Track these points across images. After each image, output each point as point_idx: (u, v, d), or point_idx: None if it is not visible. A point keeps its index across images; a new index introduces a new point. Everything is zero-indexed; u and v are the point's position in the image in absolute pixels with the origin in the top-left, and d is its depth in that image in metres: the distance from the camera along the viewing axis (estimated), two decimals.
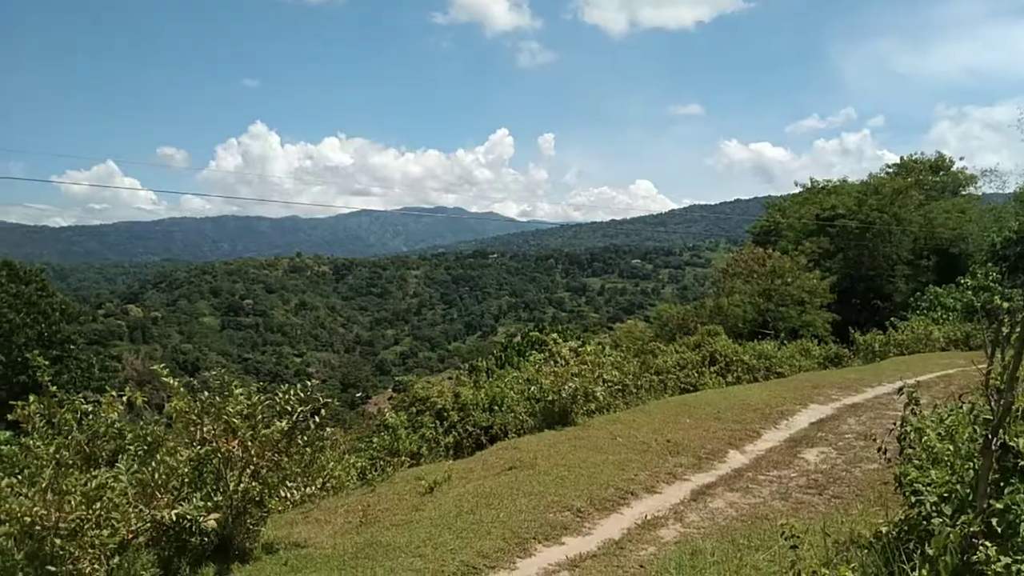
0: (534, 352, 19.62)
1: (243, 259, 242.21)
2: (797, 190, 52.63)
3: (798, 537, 4.32)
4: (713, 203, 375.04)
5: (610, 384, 14.35)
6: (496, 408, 15.36)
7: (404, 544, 6.64)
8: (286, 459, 6.73)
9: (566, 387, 12.74)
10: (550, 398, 12.87)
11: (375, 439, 15.26)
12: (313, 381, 7.10)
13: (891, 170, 51.35)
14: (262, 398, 6.51)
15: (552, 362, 13.86)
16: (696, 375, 19.02)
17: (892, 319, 29.27)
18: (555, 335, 16.83)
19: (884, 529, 4.82)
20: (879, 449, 5.85)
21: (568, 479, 8.75)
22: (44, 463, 5.58)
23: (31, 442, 5.90)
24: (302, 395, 6.79)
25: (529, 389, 13.95)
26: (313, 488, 7.17)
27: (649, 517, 7.53)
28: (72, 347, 38.70)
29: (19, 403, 5.86)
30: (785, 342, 24.81)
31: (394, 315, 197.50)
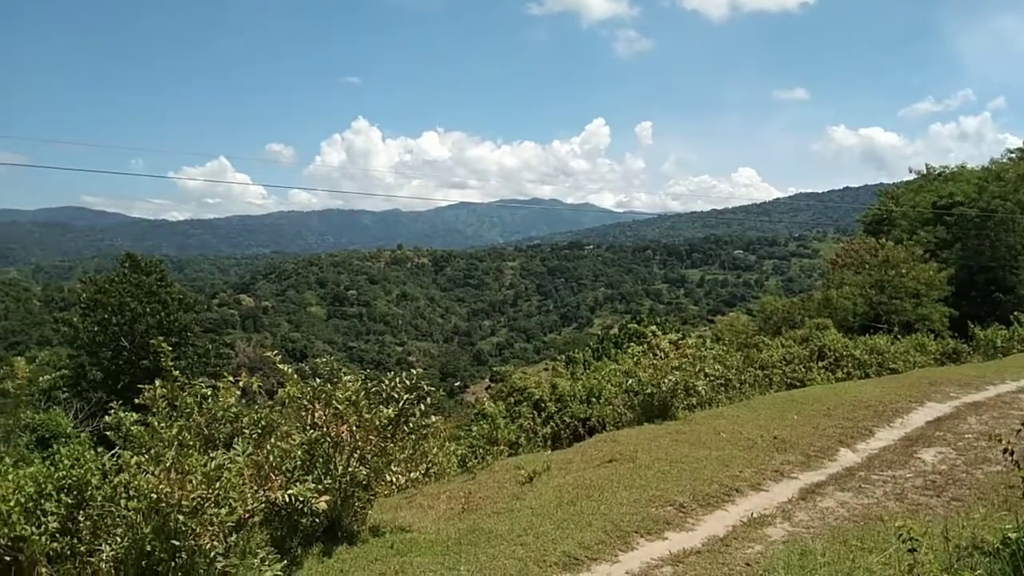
0: (632, 345, 19.41)
1: (347, 251, 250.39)
2: (911, 177, 49.89)
3: (916, 540, 4.10)
4: (820, 191, 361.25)
5: (712, 378, 14.08)
6: (594, 400, 15.31)
7: (506, 532, 6.70)
8: (392, 445, 6.91)
9: (666, 380, 12.56)
10: (649, 391, 12.71)
11: (474, 428, 15.48)
12: (417, 370, 7.25)
13: (1015, 155, 48.01)
14: (369, 385, 6.70)
15: (651, 355, 13.66)
16: (803, 370, 18.39)
17: (1016, 313, 27.43)
18: (654, 327, 16.61)
19: (1013, 535, 4.53)
20: (1005, 450, 5.48)
21: (670, 474, 8.63)
22: (168, 444, 5.93)
23: (156, 423, 6.28)
24: (407, 383, 6.95)
25: (627, 382, 13.81)
26: (417, 474, 7.34)
27: (755, 515, 7.34)
28: (189, 335, 40.81)
29: (147, 387, 6.23)
30: (899, 337, 23.63)
31: (490, 306, 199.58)
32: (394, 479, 6.77)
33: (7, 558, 6.20)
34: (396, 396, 6.94)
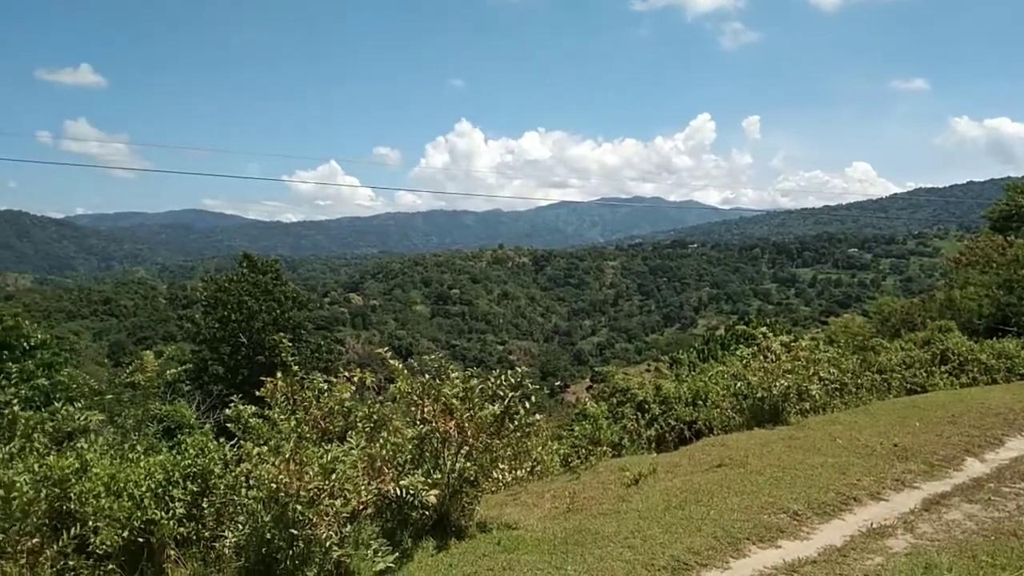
0: (741, 346, 18.88)
1: (450, 251, 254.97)
2: None
3: None
4: (941, 186, 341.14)
5: (827, 382, 13.51)
6: (700, 403, 14.96)
7: (612, 534, 6.63)
8: (498, 442, 6.96)
9: (777, 384, 12.14)
10: (759, 395, 12.32)
11: (576, 428, 15.41)
12: (521, 368, 7.27)
13: None
14: (476, 382, 6.77)
15: (761, 357, 13.24)
16: (925, 375, 17.35)
17: None
18: (764, 328, 16.08)
19: None
20: None
21: (783, 480, 8.32)
22: (286, 436, 6.18)
23: (275, 416, 6.54)
24: (512, 381, 6.99)
25: (736, 385, 13.43)
26: (522, 471, 7.37)
27: (875, 525, 6.98)
28: (303, 331, 42.41)
29: (268, 380, 6.50)
30: None
31: (591, 306, 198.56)
32: (500, 476, 6.83)
33: (140, 540, 6.61)
34: (502, 394, 6.98)
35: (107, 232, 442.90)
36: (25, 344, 20.44)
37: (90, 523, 6.10)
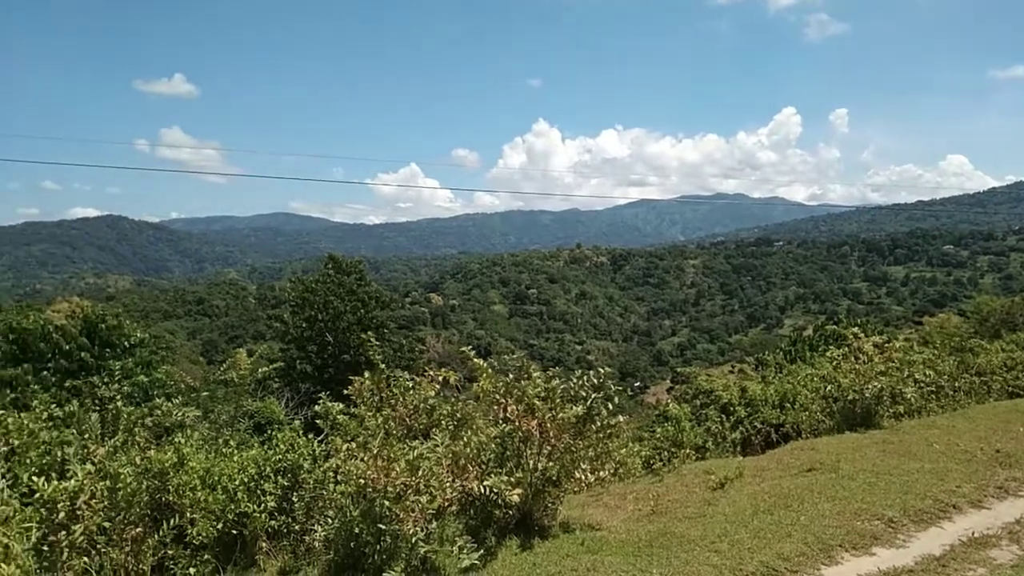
0: (830, 347, 18.25)
1: (528, 251, 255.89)
2: None
3: None
4: None
5: (922, 385, 12.93)
6: (787, 405, 14.54)
7: (698, 537, 6.51)
8: (580, 442, 6.92)
9: (870, 386, 11.69)
10: (850, 398, 11.90)
11: (658, 429, 15.19)
12: (604, 369, 7.21)
13: None
14: (558, 383, 6.76)
15: (853, 359, 12.77)
16: None
17: None
18: (855, 329, 15.51)
19: None
20: None
21: (877, 486, 8.00)
22: (373, 432, 6.29)
23: (363, 413, 6.68)
24: (595, 382, 6.94)
25: (826, 387, 13.00)
26: (605, 473, 7.30)
27: (976, 534, 6.64)
28: (385, 331, 43.24)
29: (356, 379, 6.65)
30: None
31: (671, 305, 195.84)
32: (583, 476, 6.78)
33: (233, 531, 6.85)
34: (584, 394, 6.94)
35: (200, 235, 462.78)
36: (125, 343, 21.51)
37: (187, 514, 6.34)
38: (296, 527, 6.98)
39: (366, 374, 6.69)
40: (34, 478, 5.25)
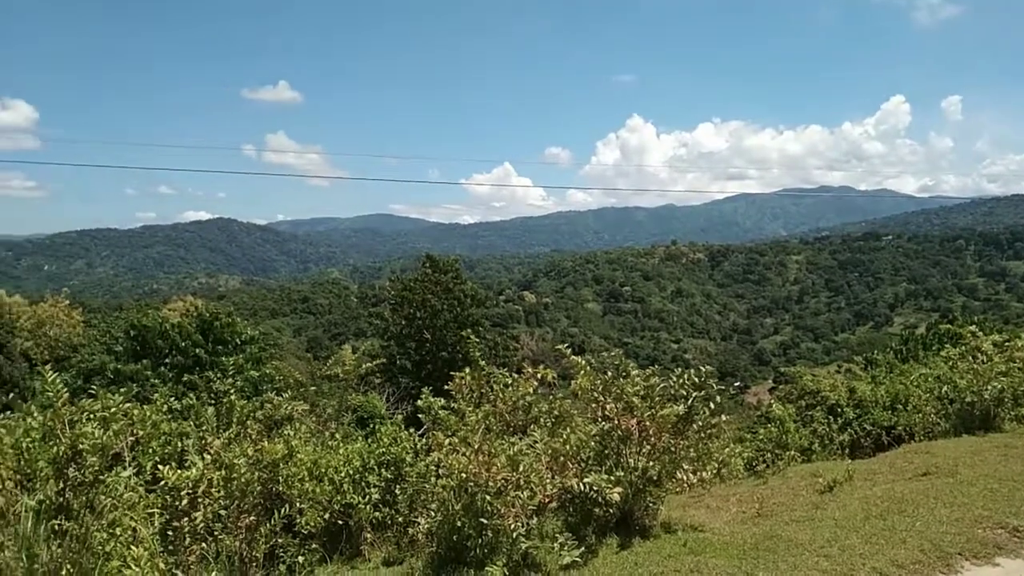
0: (946, 346, 17.32)
1: (622, 248, 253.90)
2: None
3: None
4: None
5: None
6: (899, 407, 13.89)
7: (807, 541, 6.28)
8: (681, 442, 6.81)
9: (989, 387, 11.04)
10: (968, 399, 11.27)
11: (760, 430, 14.83)
12: (706, 368, 7.06)
13: None
14: (657, 381, 6.66)
15: (970, 358, 12.10)
16: None
17: None
18: (973, 327, 14.68)
19: None
20: None
21: (999, 492, 7.51)
22: (472, 428, 6.37)
23: (463, 408, 6.78)
24: (696, 380, 6.80)
25: (941, 388, 12.35)
26: (708, 473, 7.15)
27: None
28: (481, 328, 43.79)
29: (458, 375, 6.75)
30: None
31: (773, 303, 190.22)
32: (685, 477, 6.66)
33: (340, 522, 7.08)
34: (684, 393, 6.81)
35: (304, 236, 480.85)
36: (237, 340, 22.60)
37: (296, 504, 6.58)
38: (399, 519, 7.14)
39: (467, 370, 6.78)
40: (159, 466, 5.56)
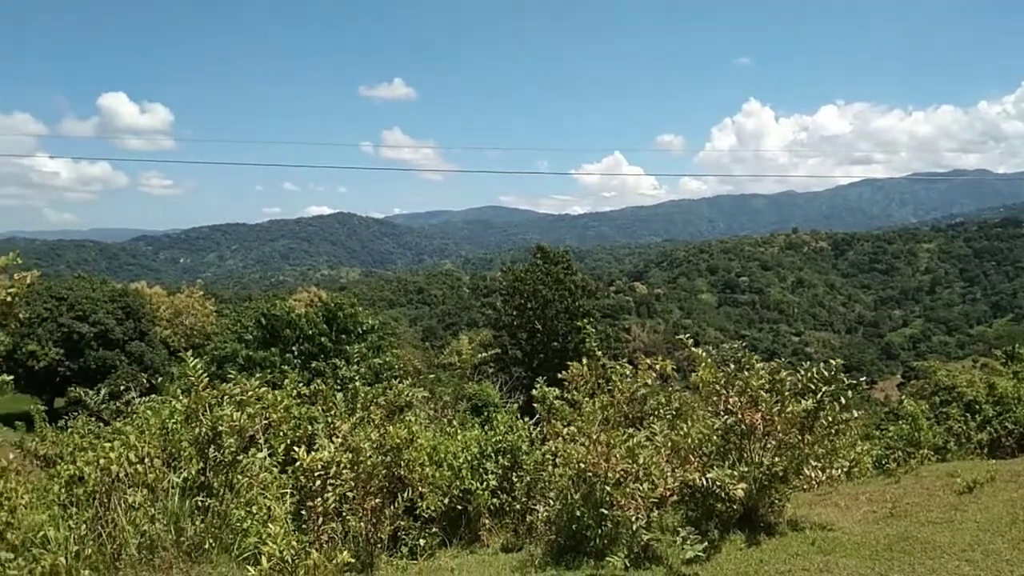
0: None
1: (738, 237, 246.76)
2: None
3: None
4: None
5: None
6: None
7: (946, 544, 5.92)
8: (808, 438, 6.56)
9: None
10: None
11: (891, 427, 14.17)
12: (837, 361, 6.76)
13: None
14: (785, 374, 6.43)
15: None
16: None
17: None
18: None
19: None
20: None
21: None
22: (588, 418, 6.36)
23: (579, 398, 6.77)
24: (825, 375, 6.53)
25: None
26: (837, 471, 6.85)
27: None
28: (591, 319, 43.65)
29: (575, 365, 6.75)
30: None
31: (902, 293, 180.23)
32: (813, 474, 6.40)
33: (458, 507, 7.23)
34: (813, 387, 6.55)
35: (419, 229, 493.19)
36: (359, 329, 23.49)
37: (417, 488, 6.77)
38: (516, 506, 7.23)
39: (584, 361, 6.76)
40: (295, 448, 5.84)
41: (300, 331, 23.14)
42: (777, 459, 6.19)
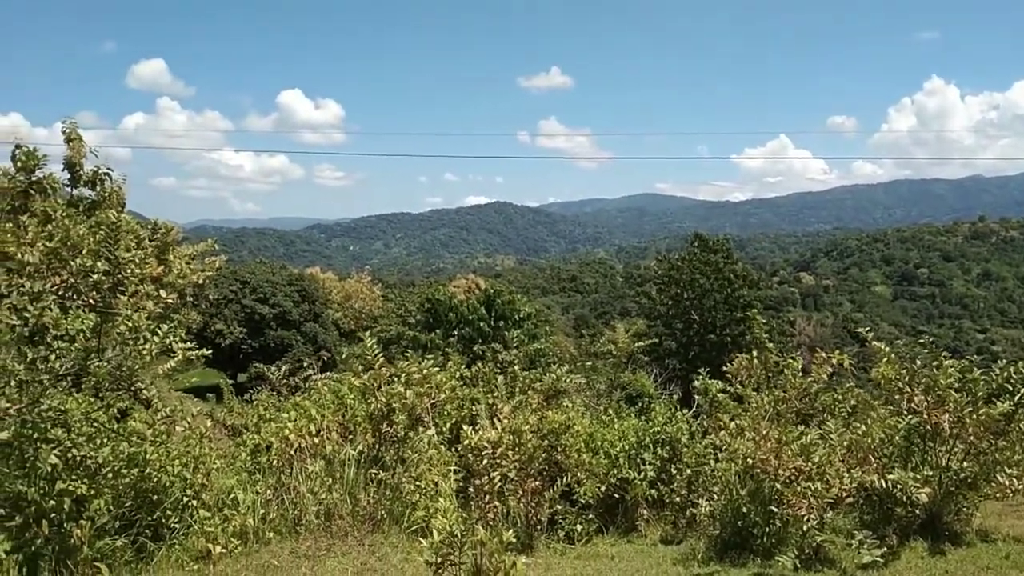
0: None
1: (917, 225, 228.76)
2: None
3: None
4: None
5: None
6: None
7: None
8: (1002, 443, 5.98)
9: None
10: None
11: None
12: None
13: None
14: (979, 373, 5.89)
15: None
16: None
17: None
18: None
19: None
20: None
21: None
22: (755, 413, 6.12)
23: (746, 392, 6.54)
24: None
25: None
26: None
27: None
28: (752, 311, 41.99)
29: (742, 356, 6.52)
30: None
31: None
32: (1009, 483, 5.83)
33: (615, 495, 7.21)
34: (1010, 388, 5.96)
35: (573, 217, 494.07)
36: (516, 316, 23.94)
37: (575, 474, 6.80)
38: (676, 499, 7.10)
39: (754, 352, 6.50)
40: (464, 427, 6.04)
41: (461, 316, 23.88)
42: (966, 464, 5.68)
